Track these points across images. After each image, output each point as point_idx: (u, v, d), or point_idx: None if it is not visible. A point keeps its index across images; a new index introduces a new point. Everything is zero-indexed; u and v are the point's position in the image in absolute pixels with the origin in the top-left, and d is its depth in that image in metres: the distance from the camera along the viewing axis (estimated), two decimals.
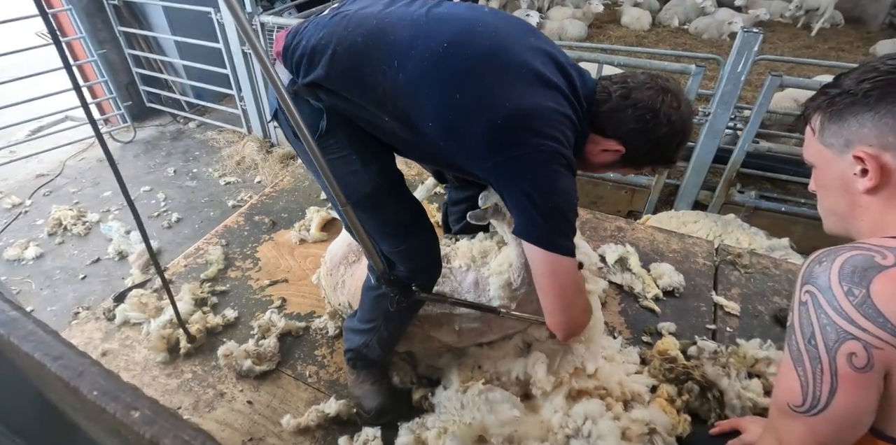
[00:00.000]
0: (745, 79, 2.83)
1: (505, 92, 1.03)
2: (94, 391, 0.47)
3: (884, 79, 0.71)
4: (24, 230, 3.53)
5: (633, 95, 1.10)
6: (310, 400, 1.66)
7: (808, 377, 0.69)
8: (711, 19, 7.04)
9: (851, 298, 0.63)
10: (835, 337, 0.65)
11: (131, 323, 1.94)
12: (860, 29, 7.34)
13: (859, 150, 0.73)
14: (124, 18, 4.46)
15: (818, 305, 0.66)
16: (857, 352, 0.64)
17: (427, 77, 1.05)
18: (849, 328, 0.64)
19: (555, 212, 1.05)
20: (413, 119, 1.10)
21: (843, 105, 0.75)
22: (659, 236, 2.43)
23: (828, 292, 0.65)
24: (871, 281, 0.62)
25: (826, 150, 0.79)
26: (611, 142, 1.15)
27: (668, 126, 1.10)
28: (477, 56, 1.04)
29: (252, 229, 2.48)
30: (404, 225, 1.33)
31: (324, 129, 1.19)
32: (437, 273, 1.45)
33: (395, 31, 1.07)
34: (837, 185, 0.78)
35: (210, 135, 4.78)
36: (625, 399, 1.54)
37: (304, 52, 1.13)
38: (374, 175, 1.25)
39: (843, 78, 0.77)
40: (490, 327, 1.53)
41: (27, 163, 4.26)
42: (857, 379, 0.66)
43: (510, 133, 1.03)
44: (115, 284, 3.02)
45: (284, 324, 1.88)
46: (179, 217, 3.65)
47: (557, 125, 1.05)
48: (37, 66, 3.94)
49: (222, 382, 1.72)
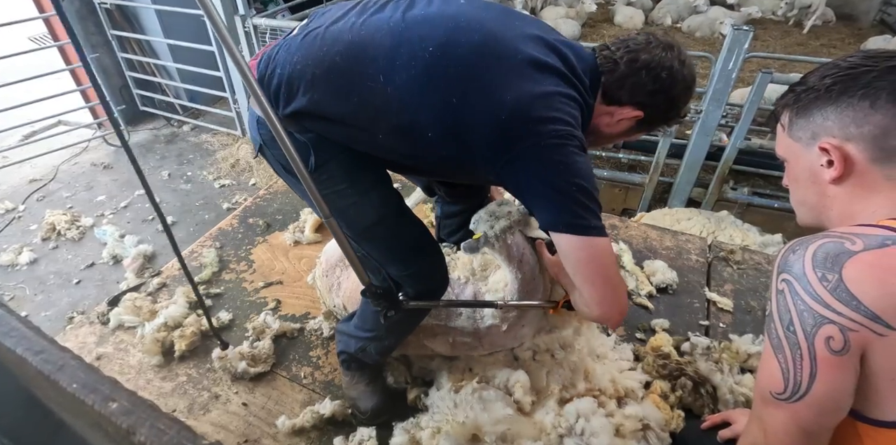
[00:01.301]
0: (736, 77, 2.85)
1: (502, 86, 0.99)
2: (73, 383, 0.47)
3: (844, 74, 0.75)
4: (18, 235, 3.51)
5: (642, 57, 1.05)
6: (305, 401, 1.66)
7: (789, 363, 0.70)
8: (704, 17, 7.05)
9: (825, 283, 0.65)
10: (812, 322, 0.67)
11: (125, 327, 1.94)
12: (851, 26, 7.37)
13: (824, 142, 0.76)
14: (117, 22, 4.45)
15: (794, 292, 0.68)
16: (834, 336, 0.66)
17: (419, 86, 1.00)
18: (825, 312, 0.65)
19: (581, 192, 1.00)
20: (411, 131, 1.05)
21: (808, 100, 0.79)
22: (652, 233, 2.44)
23: (802, 279, 0.67)
24: (843, 266, 0.64)
25: (795, 144, 0.82)
26: (626, 109, 1.11)
27: (683, 81, 1.07)
28: (467, 55, 1.00)
29: (246, 231, 2.48)
30: (410, 249, 1.30)
31: (314, 166, 1.14)
32: (443, 292, 1.42)
33: (374, 43, 1.02)
34: (807, 177, 0.82)
35: (204, 138, 4.77)
36: (618, 396, 1.55)
37: (281, 80, 1.07)
38: (375, 204, 1.21)
39: (808, 76, 0.81)
40: (481, 343, 1.53)
41: (20, 168, 4.24)
42: (835, 362, 0.67)
43: (518, 126, 0.99)
44: (109, 288, 3.01)
45: (279, 326, 1.89)
46: (174, 220, 3.64)
47: (563, 107, 1.01)
48: (29, 70, 3.93)
49: (217, 384, 1.72)
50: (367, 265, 1.33)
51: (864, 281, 0.63)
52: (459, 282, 1.59)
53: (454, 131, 1.02)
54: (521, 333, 1.54)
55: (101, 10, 4.28)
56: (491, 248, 1.40)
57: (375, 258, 1.29)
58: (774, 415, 0.76)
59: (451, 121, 1.01)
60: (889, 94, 0.71)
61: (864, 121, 0.73)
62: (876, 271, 0.63)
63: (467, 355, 1.60)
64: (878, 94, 0.71)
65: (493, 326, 1.48)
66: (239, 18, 3.67)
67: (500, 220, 1.37)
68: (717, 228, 2.87)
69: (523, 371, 1.52)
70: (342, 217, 1.21)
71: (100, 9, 4.28)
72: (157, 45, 4.64)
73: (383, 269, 1.31)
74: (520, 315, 1.49)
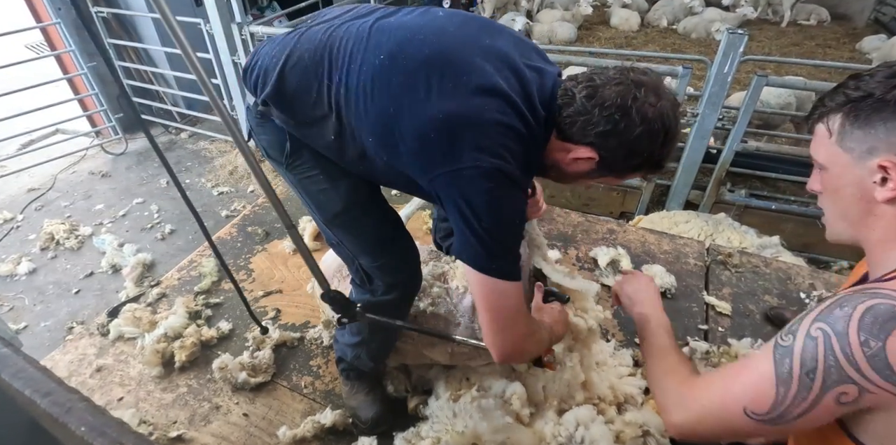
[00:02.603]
0: (731, 81, 2.86)
1: (439, 102, 0.95)
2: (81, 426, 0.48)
3: None
4: (17, 245, 3.51)
5: (600, 93, 0.96)
6: (306, 411, 1.66)
7: (788, 399, 0.69)
8: (699, 19, 7.08)
9: (866, 349, 0.63)
10: (836, 379, 0.65)
11: (125, 338, 1.94)
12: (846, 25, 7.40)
13: (885, 159, 0.70)
14: (114, 31, 4.46)
15: (829, 347, 0.66)
16: (850, 392, 0.65)
17: (364, 92, 1.01)
18: (853, 375, 0.64)
19: (490, 234, 0.96)
20: (356, 134, 1.06)
21: (870, 110, 0.71)
22: (650, 237, 2.45)
23: (843, 339, 0.65)
24: (890, 334, 0.62)
25: (844, 154, 0.75)
26: (581, 148, 1.01)
27: (644, 124, 0.94)
28: (413, 67, 0.97)
29: (245, 240, 2.48)
30: (380, 240, 1.32)
31: (289, 150, 1.19)
32: (416, 288, 1.43)
33: (339, 46, 1.05)
34: (852, 192, 0.75)
35: (202, 146, 4.78)
36: (618, 403, 1.56)
37: (260, 70, 1.12)
38: (344, 192, 1.23)
39: (865, 80, 0.73)
40: (479, 353, 1.53)
41: (18, 178, 4.24)
42: (832, 410, 0.67)
43: (443, 146, 0.95)
44: (108, 298, 3.01)
45: (279, 335, 1.89)
46: (173, 228, 3.64)
47: (498, 137, 0.95)
48: (26, 78, 3.94)
49: (218, 395, 1.72)
50: (342, 252, 1.38)
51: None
52: (458, 292, 1.59)
53: (387, 141, 1.02)
54: None
55: (98, 19, 4.29)
56: None
57: (348, 246, 1.33)
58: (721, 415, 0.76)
59: (385, 131, 1.01)
60: None
61: None
62: None
63: (465, 364, 1.60)
64: None
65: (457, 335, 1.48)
66: (236, 26, 3.68)
67: None
68: (714, 231, 2.87)
69: (520, 383, 1.52)
70: (314, 202, 1.27)
71: (97, 18, 4.29)
72: (155, 54, 4.65)
73: (356, 259, 1.35)
74: None
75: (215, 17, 3.65)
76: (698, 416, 0.80)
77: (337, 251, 1.40)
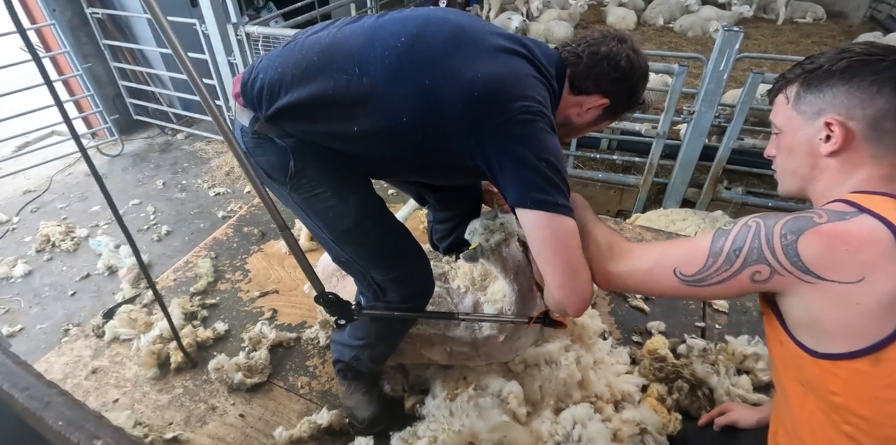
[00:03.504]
0: (727, 78, 2.86)
1: (473, 65, 1.04)
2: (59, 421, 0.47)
3: (858, 58, 0.83)
4: (12, 247, 3.50)
5: (602, 50, 1.15)
6: (302, 412, 1.66)
7: (712, 268, 0.84)
8: (695, 17, 7.09)
9: (783, 240, 0.78)
10: (755, 257, 0.80)
11: (121, 340, 1.93)
12: (842, 23, 7.41)
13: (830, 117, 0.84)
14: (109, 32, 4.44)
15: (758, 233, 0.81)
16: (762, 272, 0.80)
17: (393, 73, 1.04)
18: (769, 257, 0.79)
19: (550, 169, 1.02)
20: (386, 120, 1.07)
21: (820, 78, 0.86)
22: (647, 235, 2.44)
23: (769, 229, 0.80)
24: (802, 233, 0.77)
25: (798, 117, 0.89)
26: (594, 97, 1.18)
27: (640, 68, 1.18)
28: (438, 42, 1.06)
29: (241, 240, 2.48)
30: (391, 253, 1.32)
31: (293, 170, 1.18)
32: (430, 295, 1.43)
33: (349, 42, 1.09)
34: (803, 149, 0.89)
35: (198, 146, 4.77)
36: (615, 401, 1.55)
37: (263, 84, 1.13)
38: (353, 208, 1.23)
39: (818, 57, 0.88)
40: (478, 353, 1.54)
41: (14, 180, 4.23)
42: (742, 285, 0.83)
43: (490, 101, 1.02)
44: (105, 299, 2.99)
45: (275, 336, 1.88)
46: (169, 229, 3.63)
47: (535, 87, 1.06)
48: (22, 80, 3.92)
49: (214, 396, 1.72)
50: (352, 269, 1.36)
51: (813, 244, 0.75)
52: (459, 292, 1.59)
53: (427, 114, 1.05)
54: (517, 345, 1.55)
55: (93, 20, 4.28)
56: (487, 260, 1.40)
57: (358, 262, 1.32)
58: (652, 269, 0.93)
59: (425, 104, 1.05)
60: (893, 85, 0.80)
61: (869, 104, 0.81)
62: (824, 238, 0.75)
63: (463, 364, 1.60)
64: (885, 82, 0.81)
65: (490, 337, 1.48)
66: (231, 26, 3.68)
67: (495, 234, 1.38)
68: (711, 228, 2.87)
69: (517, 382, 1.52)
70: (322, 220, 1.25)
71: (92, 19, 4.27)
72: (150, 54, 4.63)
73: (367, 274, 1.33)
74: (517, 327, 1.49)
75: (210, 17, 3.64)
76: (632, 269, 0.97)
77: (347, 268, 1.38)
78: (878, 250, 0.72)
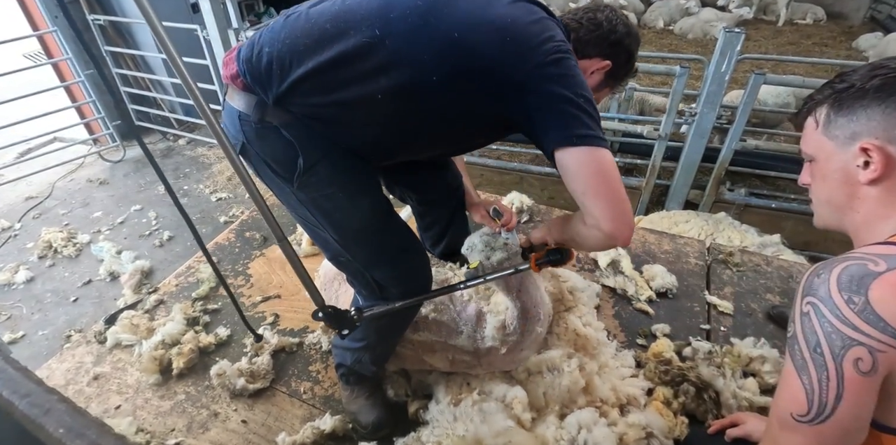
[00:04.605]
0: (729, 79, 2.85)
1: (500, 16, 1.03)
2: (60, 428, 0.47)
3: (895, 75, 0.74)
4: (14, 253, 3.50)
5: (598, 17, 1.25)
6: (305, 417, 1.64)
7: (814, 385, 0.70)
8: (695, 19, 7.11)
9: (852, 306, 0.66)
10: (840, 344, 0.67)
11: (123, 346, 1.92)
12: (842, 24, 7.43)
13: (866, 142, 0.75)
14: (111, 38, 4.46)
15: (821, 314, 0.69)
16: (863, 357, 0.66)
17: (418, 31, 1.02)
18: (853, 334, 0.66)
19: (588, 104, 1.03)
20: (413, 80, 1.04)
21: (852, 99, 0.77)
22: (650, 237, 2.43)
23: (829, 301, 0.68)
24: (869, 288, 0.65)
25: (829, 142, 0.81)
26: (596, 60, 1.26)
27: (634, 34, 1.28)
28: (466, 4, 1.04)
29: (243, 245, 2.47)
30: (396, 252, 1.31)
31: (302, 168, 1.13)
32: (428, 289, 1.42)
33: (363, 7, 1.05)
34: (838, 177, 0.80)
35: (200, 152, 4.77)
36: (620, 405, 1.54)
37: (271, 58, 1.07)
38: (364, 210, 1.22)
39: (849, 74, 0.79)
40: (480, 362, 1.53)
41: (16, 186, 4.23)
42: (862, 383, 0.67)
43: (522, 45, 1.02)
44: (107, 305, 2.99)
45: (277, 341, 1.87)
46: (171, 235, 3.63)
47: (556, 27, 1.10)
48: (23, 86, 3.94)
49: (216, 402, 1.71)
50: (349, 267, 1.34)
51: (891, 301, 0.64)
52: (462, 300, 1.58)
53: (459, 66, 1.03)
54: (520, 356, 1.54)
55: (94, 26, 4.29)
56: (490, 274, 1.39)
57: (361, 261, 1.30)
58: (793, 440, 0.75)
59: (455, 55, 1.02)
60: None
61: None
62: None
63: (465, 373, 1.59)
64: None
65: (492, 348, 1.47)
66: (232, 31, 3.69)
67: (497, 252, 1.36)
68: (715, 230, 2.86)
69: (521, 388, 1.50)
70: (328, 220, 1.22)
71: (93, 25, 4.29)
72: (152, 60, 4.65)
73: (367, 273, 1.32)
74: (519, 340, 1.47)
75: (212, 22, 3.65)
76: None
77: (344, 267, 1.36)
78: None
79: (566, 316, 1.77)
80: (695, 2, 7.48)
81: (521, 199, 2.62)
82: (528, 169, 3.78)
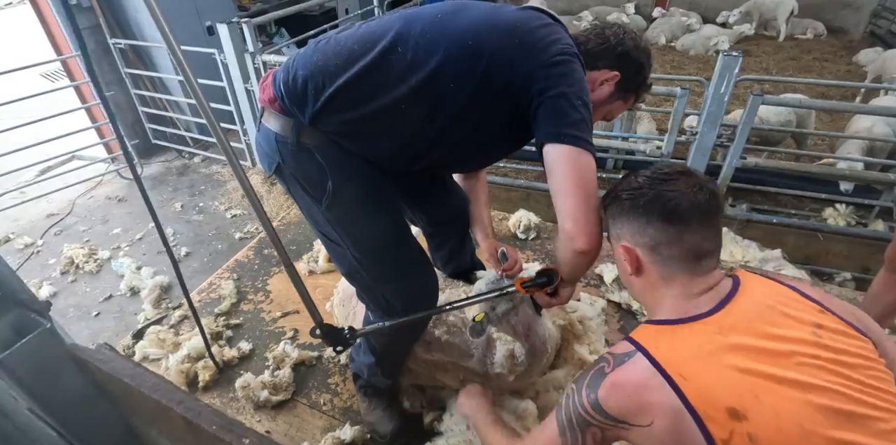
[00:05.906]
0: (728, 101, 2.95)
1: (508, 19, 1.15)
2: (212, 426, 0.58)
3: (632, 193, 0.97)
4: (38, 269, 3.61)
5: (606, 32, 1.31)
6: (326, 428, 1.72)
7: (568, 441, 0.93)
8: (697, 36, 7.23)
9: (590, 400, 0.88)
10: (581, 422, 0.90)
11: (150, 359, 2.01)
12: (842, 38, 7.53)
13: (621, 245, 0.99)
14: (130, 61, 4.63)
15: (571, 399, 0.92)
16: (595, 432, 0.89)
17: (435, 41, 1.12)
18: (588, 418, 0.89)
19: (584, 108, 1.11)
20: (434, 85, 1.12)
21: (612, 209, 1.02)
22: None
23: (579, 392, 0.91)
24: (599, 387, 0.87)
25: (611, 239, 1.05)
26: (604, 71, 1.31)
27: (644, 47, 1.33)
28: (476, 11, 1.16)
29: (262, 262, 2.57)
30: (407, 269, 1.40)
31: (332, 189, 1.23)
32: (434, 304, 1.48)
33: (384, 27, 1.16)
34: (621, 267, 1.03)
35: (215, 169, 4.91)
36: None
37: (306, 78, 1.16)
38: (386, 227, 1.31)
39: (628, 180, 1.01)
40: (489, 384, 1.59)
41: (37, 204, 4.37)
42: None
43: (530, 45, 1.11)
44: (127, 320, 3.09)
45: (298, 355, 1.96)
46: (188, 251, 3.74)
47: (563, 32, 1.18)
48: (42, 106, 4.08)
49: (241, 413, 1.79)
50: (361, 284, 1.42)
51: (609, 397, 0.86)
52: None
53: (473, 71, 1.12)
54: (528, 382, 1.61)
55: (115, 50, 4.47)
56: (495, 328, 1.45)
57: (373, 276, 1.37)
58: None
59: (471, 55, 1.11)
60: (658, 216, 0.93)
61: (644, 233, 0.95)
62: (612, 389, 0.86)
63: None
64: (651, 213, 0.94)
65: (501, 374, 1.54)
66: (249, 55, 3.83)
67: (502, 302, 1.42)
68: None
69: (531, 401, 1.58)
70: (350, 237, 1.30)
71: (114, 49, 4.47)
72: (169, 82, 4.82)
73: (377, 289, 1.39)
74: (528, 371, 1.54)
75: (229, 46, 3.80)
76: None
77: (357, 281, 1.43)
78: (649, 391, 0.81)
79: (573, 344, 1.84)
80: (696, 18, 7.62)
81: (529, 217, 2.71)
82: (534, 185, 3.87)
